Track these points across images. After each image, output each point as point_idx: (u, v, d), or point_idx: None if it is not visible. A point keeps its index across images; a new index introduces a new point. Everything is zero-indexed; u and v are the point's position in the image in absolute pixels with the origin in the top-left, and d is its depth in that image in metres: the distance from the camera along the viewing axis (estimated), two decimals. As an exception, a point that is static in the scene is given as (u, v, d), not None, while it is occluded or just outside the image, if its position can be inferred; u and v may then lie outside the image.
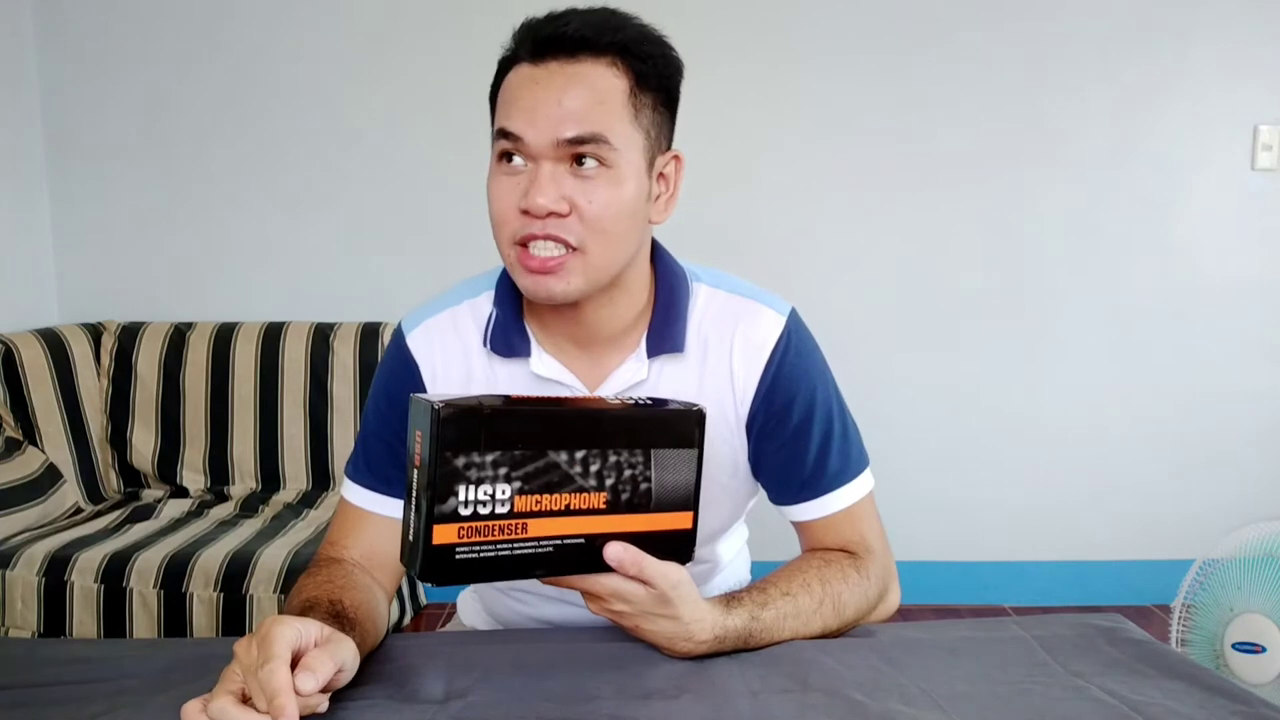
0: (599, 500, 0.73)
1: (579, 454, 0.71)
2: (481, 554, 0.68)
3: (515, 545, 0.69)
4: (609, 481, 0.73)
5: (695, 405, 0.77)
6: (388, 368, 0.95)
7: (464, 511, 0.67)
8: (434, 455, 0.65)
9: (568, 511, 0.71)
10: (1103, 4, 2.41)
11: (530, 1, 0.87)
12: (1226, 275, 2.49)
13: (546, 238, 0.80)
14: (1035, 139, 2.45)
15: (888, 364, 2.48)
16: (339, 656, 0.66)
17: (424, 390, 0.92)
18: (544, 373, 0.90)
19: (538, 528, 0.70)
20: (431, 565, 0.67)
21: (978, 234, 2.48)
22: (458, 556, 0.67)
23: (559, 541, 0.71)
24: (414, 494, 0.68)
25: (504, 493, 0.68)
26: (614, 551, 0.73)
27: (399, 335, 0.95)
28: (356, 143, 2.44)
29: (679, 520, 0.77)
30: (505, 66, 0.84)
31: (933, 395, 2.52)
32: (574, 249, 0.80)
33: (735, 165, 2.43)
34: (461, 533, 0.67)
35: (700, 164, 2.40)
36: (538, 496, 0.70)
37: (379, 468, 0.92)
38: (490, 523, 0.68)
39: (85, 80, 2.43)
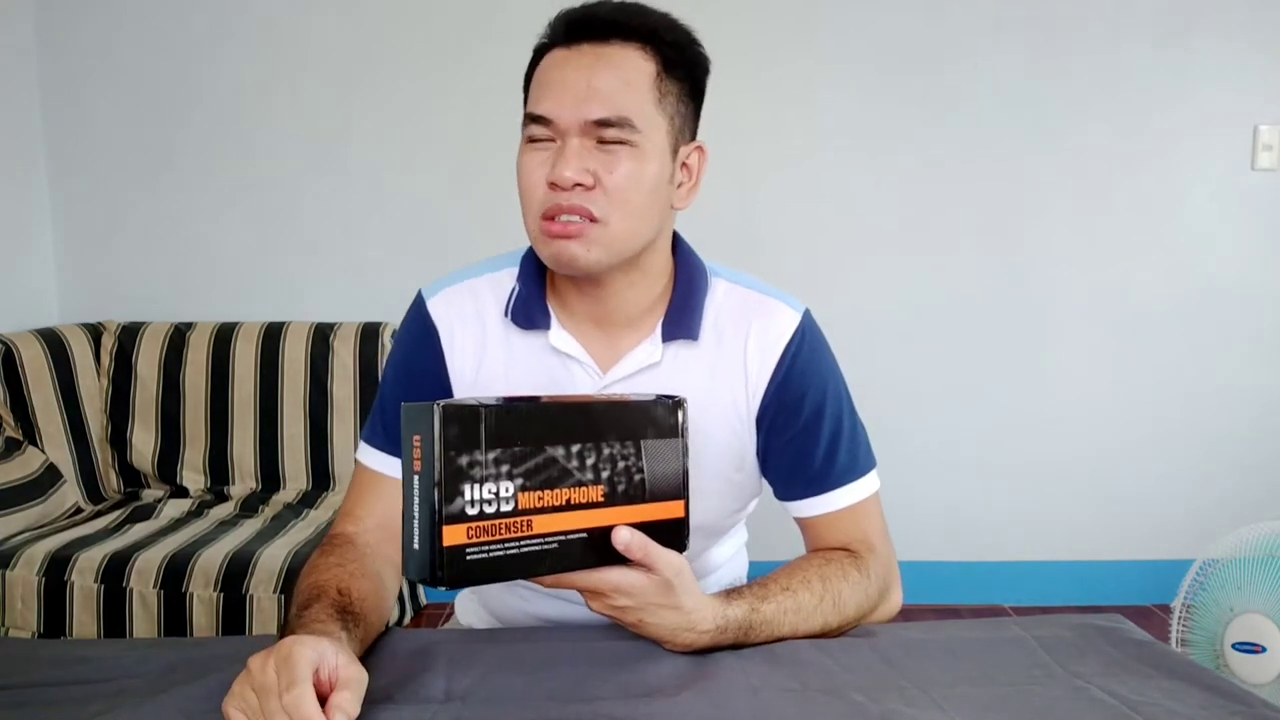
0: (597, 493, 0.73)
1: (574, 448, 0.72)
2: (491, 553, 0.68)
3: (522, 543, 0.69)
4: (605, 474, 0.74)
5: (673, 395, 0.79)
6: (407, 332, 0.97)
7: (471, 511, 0.67)
8: (438, 456, 0.65)
9: (569, 506, 0.71)
10: (1103, 5, 2.41)
11: (530, 9, 0.88)
12: (1227, 275, 2.49)
13: (571, 210, 0.83)
14: (1037, 139, 2.45)
15: (888, 364, 2.48)
16: (362, 695, 0.66)
17: (442, 355, 0.95)
18: (561, 346, 0.92)
19: (542, 524, 0.70)
20: (443, 568, 0.66)
21: (978, 234, 2.48)
22: (469, 557, 0.67)
23: (563, 537, 0.72)
24: (415, 500, 0.67)
25: (507, 490, 0.68)
26: (623, 536, 0.73)
27: (419, 301, 0.97)
28: (357, 143, 2.44)
29: (673, 509, 0.79)
30: (540, 53, 0.88)
31: (933, 395, 2.52)
32: (595, 220, 0.83)
33: (737, 166, 2.43)
34: (471, 533, 0.67)
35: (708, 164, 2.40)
36: (539, 492, 0.70)
37: (396, 431, 0.91)
38: (497, 521, 0.68)
39: (86, 81, 2.43)
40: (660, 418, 0.78)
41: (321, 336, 2.28)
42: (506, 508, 0.68)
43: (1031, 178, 2.46)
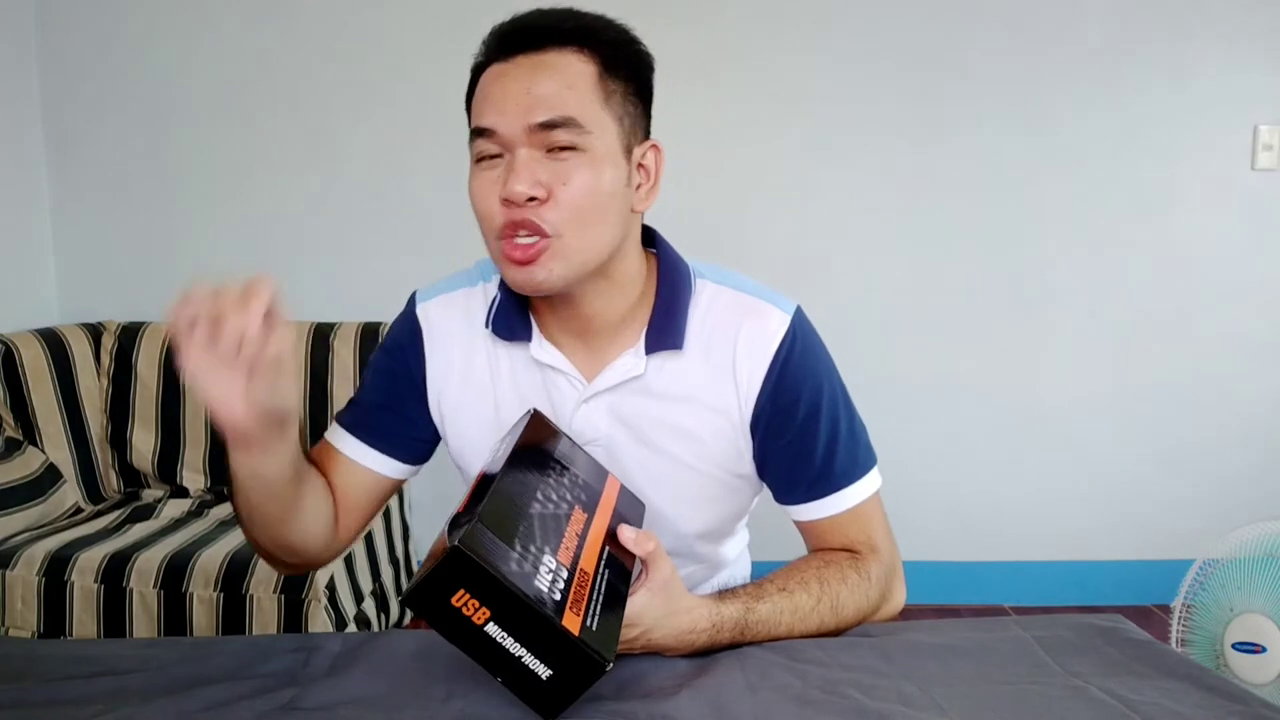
0: (580, 516, 0.75)
1: (541, 495, 0.74)
2: (595, 612, 0.67)
3: (595, 591, 0.69)
4: (568, 496, 0.76)
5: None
6: (394, 332, 0.99)
7: (557, 597, 0.64)
8: (500, 576, 0.62)
9: (578, 540, 0.72)
10: (1103, 4, 2.41)
11: (530, 9, 0.87)
12: (1227, 275, 2.49)
13: (523, 224, 0.81)
14: (1036, 139, 2.45)
15: (887, 364, 2.48)
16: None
17: (423, 360, 0.96)
18: (543, 358, 0.92)
19: (587, 565, 0.71)
20: (596, 649, 0.63)
21: (978, 234, 2.48)
22: (595, 626, 0.65)
23: (602, 567, 0.72)
24: (512, 638, 0.62)
25: (550, 561, 0.67)
26: (628, 534, 0.76)
27: (411, 303, 0.99)
28: (356, 143, 2.44)
29: (612, 487, 0.85)
30: (478, 73, 0.87)
31: (933, 395, 2.52)
32: (548, 236, 0.82)
33: (737, 165, 2.43)
34: (575, 608, 0.65)
35: (702, 164, 2.40)
36: (561, 545, 0.70)
37: (369, 416, 0.97)
38: (574, 587, 0.66)
39: (86, 81, 2.43)
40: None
41: (321, 336, 2.28)
42: (564, 574, 0.67)
43: (1032, 177, 2.46)
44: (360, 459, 0.96)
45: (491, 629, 0.62)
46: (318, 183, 2.46)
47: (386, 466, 0.98)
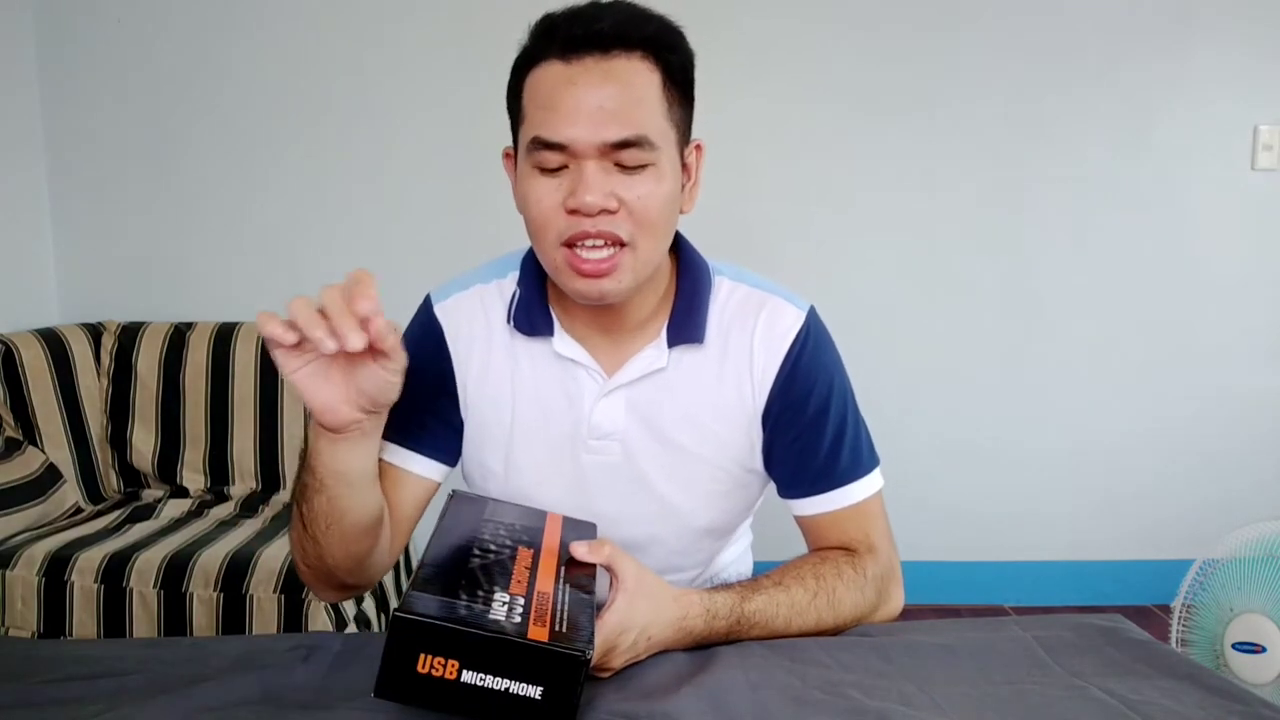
0: (526, 554, 0.75)
1: (480, 544, 0.74)
2: (564, 620, 0.66)
3: (556, 600, 0.69)
4: (508, 540, 0.77)
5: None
6: (414, 333, 0.96)
7: (516, 619, 0.64)
8: (454, 624, 0.62)
9: (529, 572, 0.72)
10: (1104, 4, 2.41)
11: (526, 13, 0.86)
12: (1227, 275, 2.49)
13: (598, 235, 0.81)
14: (1037, 140, 2.45)
15: (888, 365, 2.48)
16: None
17: (449, 358, 0.94)
18: (565, 352, 0.92)
19: (543, 585, 0.70)
20: (570, 646, 0.63)
21: (979, 235, 2.48)
22: (563, 629, 0.65)
23: (563, 577, 0.73)
24: (490, 674, 0.62)
25: (503, 596, 0.67)
26: (580, 550, 0.76)
27: (428, 304, 0.97)
28: (356, 144, 2.44)
29: (554, 522, 0.84)
30: (527, 63, 0.83)
31: (933, 396, 2.52)
32: (624, 245, 0.82)
33: (735, 165, 2.43)
34: (539, 621, 0.65)
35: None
36: (513, 581, 0.70)
37: (398, 422, 0.91)
38: (534, 607, 0.67)
39: (85, 81, 2.42)
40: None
41: (321, 336, 2.28)
42: (521, 601, 0.67)
43: (1033, 177, 2.46)
44: (408, 466, 0.93)
45: (468, 677, 0.62)
46: (318, 184, 2.46)
47: (431, 470, 0.95)
